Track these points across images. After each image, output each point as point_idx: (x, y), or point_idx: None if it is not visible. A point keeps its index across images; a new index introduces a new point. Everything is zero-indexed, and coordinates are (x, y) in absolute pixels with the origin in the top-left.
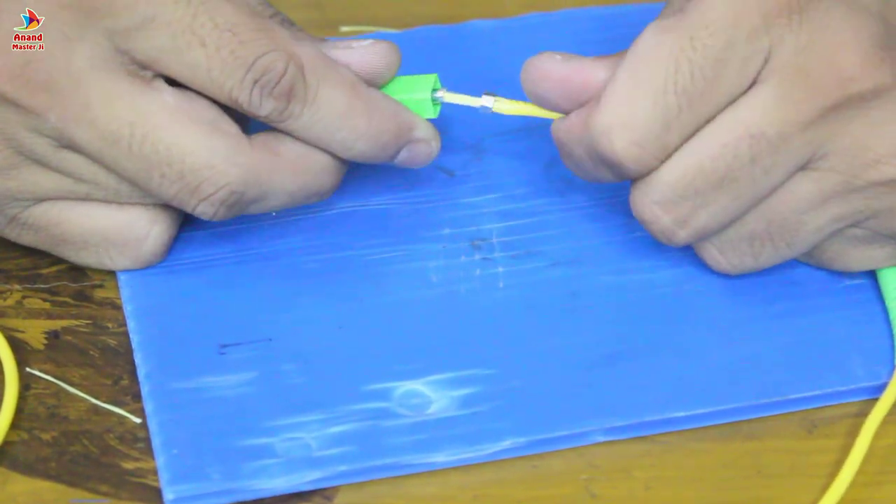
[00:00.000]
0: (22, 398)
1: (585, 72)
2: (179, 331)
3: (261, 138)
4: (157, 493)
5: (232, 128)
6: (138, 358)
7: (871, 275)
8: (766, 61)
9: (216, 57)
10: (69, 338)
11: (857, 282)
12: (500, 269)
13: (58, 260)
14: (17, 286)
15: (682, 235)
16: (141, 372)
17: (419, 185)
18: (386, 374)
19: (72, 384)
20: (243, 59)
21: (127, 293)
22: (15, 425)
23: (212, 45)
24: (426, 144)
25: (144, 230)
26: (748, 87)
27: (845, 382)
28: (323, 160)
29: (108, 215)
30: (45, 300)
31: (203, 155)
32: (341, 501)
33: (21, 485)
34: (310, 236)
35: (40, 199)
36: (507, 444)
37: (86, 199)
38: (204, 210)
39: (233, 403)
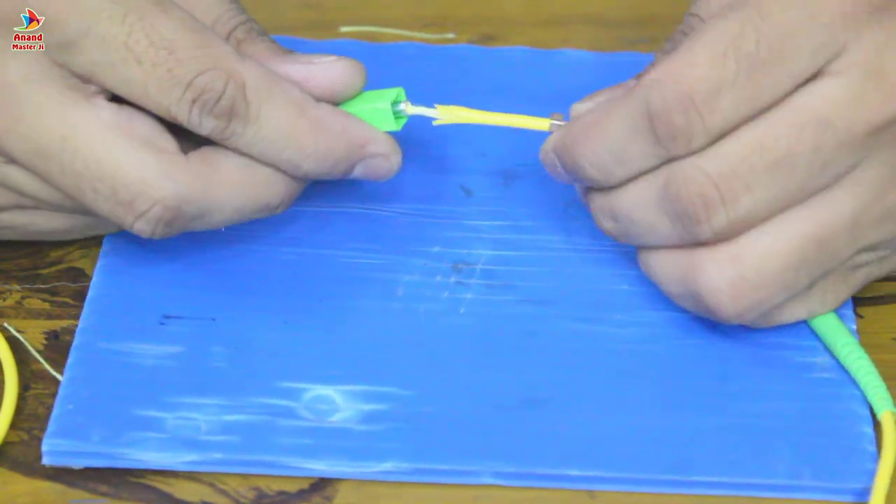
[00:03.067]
0: (22, 398)
1: None
2: (133, 294)
3: (200, 154)
4: (157, 493)
5: (169, 145)
6: (84, 312)
7: (843, 370)
8: (839, 54)
9: (152, 74)
10: (69, 338)
11: (827, 376)
12: (469, 296)
13: (57, 260)
14: (16, 286)
15: (722, 217)
16: (79, 326)
17: (432, 199)
18: (305, 374)
19: None
20: (179, 77)
21: (105, 249)
22: (15, 425)
23: (147, 62)
24: (384, 159)
25: (100, 227)
26: (817, 77)
27: (762, 476)
28: (268, 173)
29: (64, 221)
30: (44, 300)
31: (135, 171)
32: (341, 502)
33: (21, 485)
34: (298, 229)
35: None
36: (387, 466)
37: (30, 207)
38: (141, 228)
39: (146, 373)
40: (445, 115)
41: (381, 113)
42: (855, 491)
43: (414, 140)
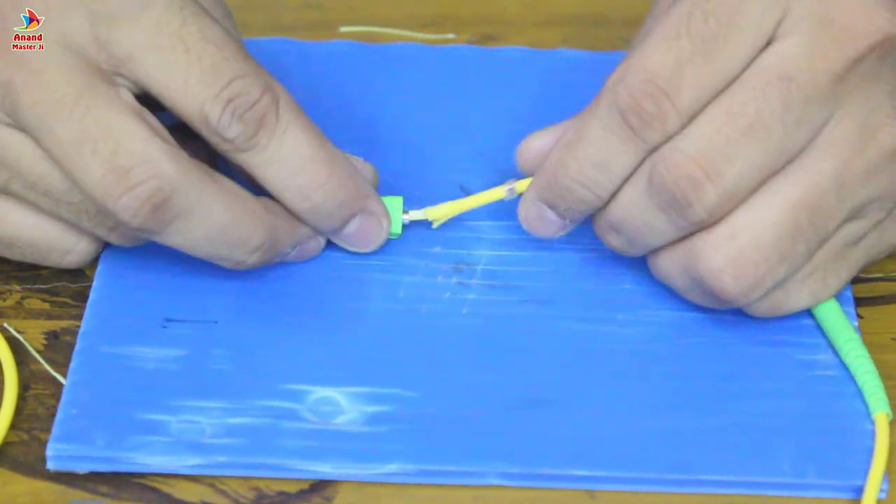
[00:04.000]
0: (22, 399)
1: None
2: (134, 298)
3: (203, 164)
4: (157, 493)
5: (174, 143)
6: (85, 315)
7: (846, 367)
8: (785, 13)
9: (197, 65)
10: (69, 338)
11: (829, 373)
12: (471, 297)
13: None
14: (16, 287)
15: (711, 194)
16: (81, 329)
17: (432, 199)
18: (308, 376)
19: None
20: (223, 73)
21: (106, 252)
22: (15, 426)
23: (195, 53)
24: (378, 220)
25: (70, 244)
26: (771, 41)
27: (765, 474)
28: (256, 204)
29: (34, 225)
30: (44, 301)
31: (141, 144)
32: (341, 502)
33: (21, 485)
34: None
35: None
36: (393, 467)
37: (4, 193)
38: (127, 204)
39: (150, 376)
40: (433, 215)
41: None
42: (860, 488)
43: (412, 140)
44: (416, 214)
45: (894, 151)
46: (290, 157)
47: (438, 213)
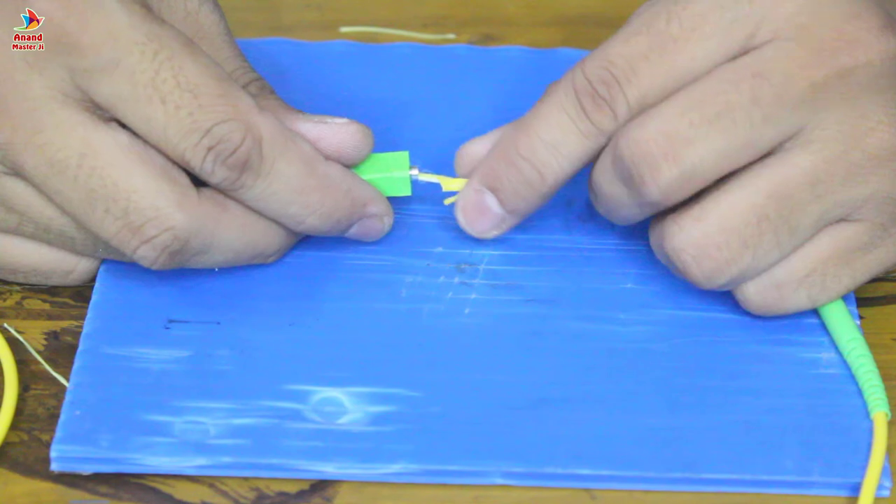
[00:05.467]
0: (22, 399)
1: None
2: (136, 299)
3: (211, 192)
4: (157, 493)
5: (182, 178)
6: (88, 317)
7: (847, 367)
8: (759, 26)
9: (174, 116)
10: (69, 338)
11: (832, 371)
12: (473, 296)
13: None
14: (16, 287)
15: (666, 174)
16: (83, 331)
17: (434, 200)
18: (312, 377)
19: None
20: (200, 123)
21: None
22: (15, 426)
23: (171, 103)
24: (378, 220)
25: (71, 265)
26: (747, 50)
27: (769, 472)
28: (270, 222)
29: (36, 250)
30: (44, 301)
31: (150, 196)
32: (341, 502)
33: (21, 486)
34: None
35: None
36: (397, 468)
37: (14, 232)
38: (145, 254)
39: (154, 377)
40: (449, 185)
41: (399, 181)
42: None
43: (412, 141)
44: (428, 177)
45: (882, 155)
46: (280, 191)
47: (455, 184)
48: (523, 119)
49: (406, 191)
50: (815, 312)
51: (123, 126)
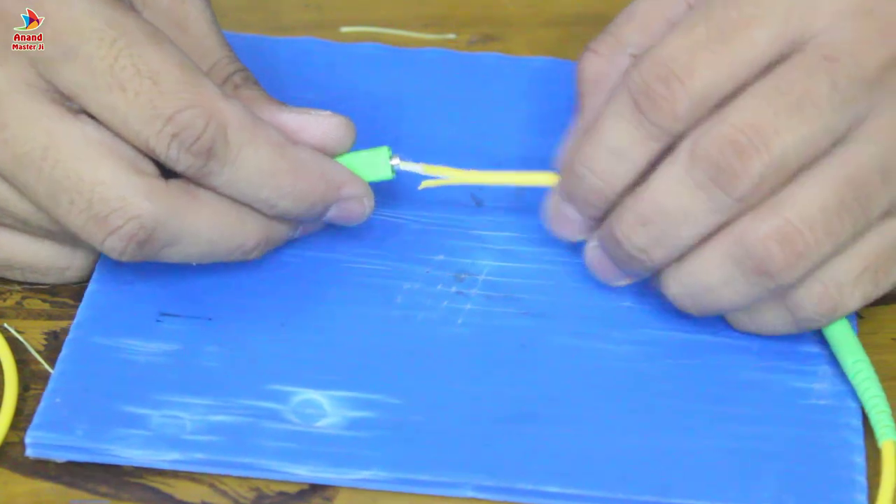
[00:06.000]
0: (21, 399)
1: None
2: (131, 291)
3: (181, 182)
4: (157, 493)
5: (149, 168)
6: (81, 307)
7: (840, 395)
8: (816, 5)
9: (134, 103)
10: None
11: (823, 402)
12: (468, 307)
13: None
14: (16, 287)
15: (757, 164)
16: (75, 320)
17: (441, 207)
18: (294, 378)
19: None
20: (161, 109)
21: None
22: (15, 426)
23: (131, 90)
24: (357, 202)
25: (66, 261)
26: (810, 35)
27: (744, 501)
28: (245, 211)
29: (28, 247)
30: (44, 301)
31: (115, 186)
32: (340, 502)
33: (21, 485)
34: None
35: None
36: (367, 474)
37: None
38: (112, 245)
39: (138, 369)
40: (430, 172)
41: (378, 164)
42: None
43: (427, 148)
44: (410, 166)
45: None
46: (249, 177)
47: (435, 170)
48: (587, 129)
49: (387, 173)
50: (815, 338)
51: (93, 117)
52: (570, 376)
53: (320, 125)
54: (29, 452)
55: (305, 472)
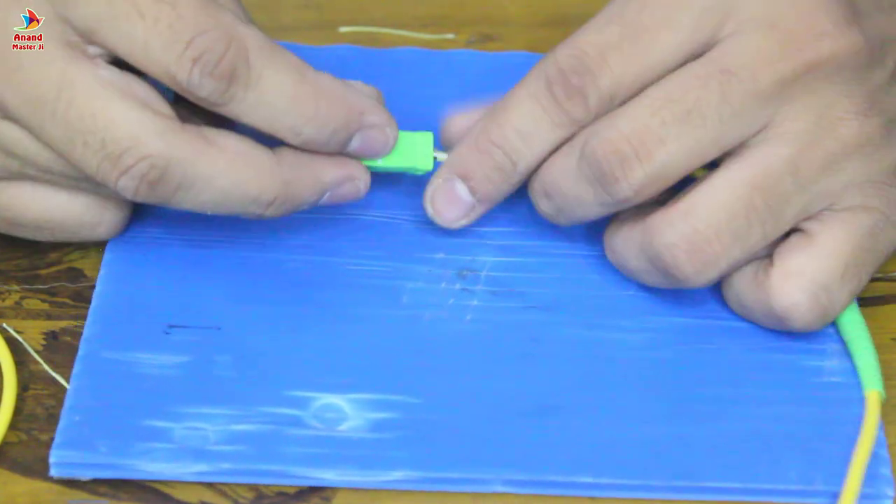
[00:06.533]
0: (21, 399)
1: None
2: (137, 303)
3: (197, 127)
4: (157, 493)
5: (164, 108)
6: (88, 321)
7: (852, 374)
8: (728, 14)
9: (153, 29)
10: (68, 339)
11: (836, 380)
12: (475, 303)
13: (56, 261)
14: (15, 287)
15: (638, 173)
16: (83, 335)
17: None
18: (312, 383)
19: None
20: (181, 33)
21: (108, 258)
22: (14, 426)
23: (150, 16)
24: (380, 131)
25: (97, 217)
26: (715, 42)
27: (771, 481)
28: (263, 159)
29: (58, 203)
30: (43, 301)
31: (127, 126)
32: (339, 502)
33: (20, 485)
34: (303, 235)
35: None
36: (398, 475)
37: (20, 177)
38: (125, 185)
39: (154, 382)
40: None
41: (421, 155)
42: (867, 495)
43: None
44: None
45: (853, 143)
46: (272, 101)
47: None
48: (496, 107)
49: (427, 163)
50: None
51: (108, 61)
52: (586, 367)
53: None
54: (53, 472)
55: (333, 477)
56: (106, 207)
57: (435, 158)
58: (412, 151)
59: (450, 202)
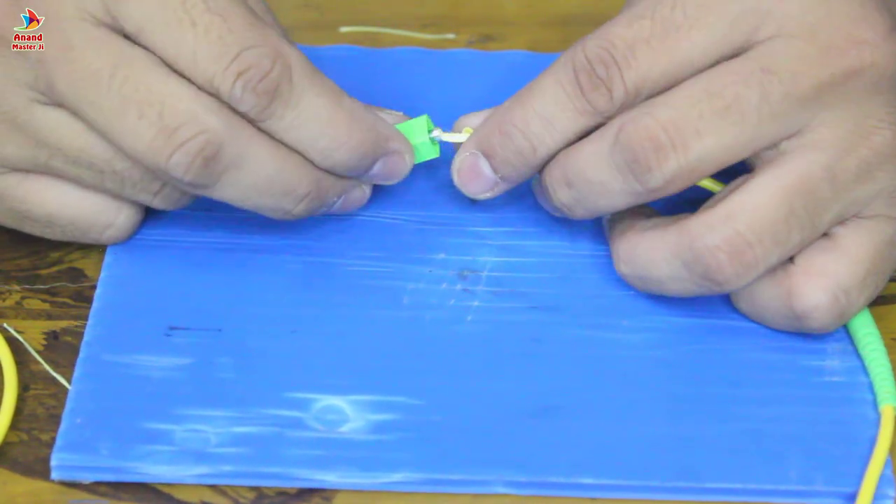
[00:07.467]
0: (21, 399)
1: None
2: (138, 306)
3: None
4: (157, 493)
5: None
6: (89, 324)
7: (852, 371)
8: (764, 20)
9: (204, 39)
10: (68, 339)
11: (837, 379)
12: (476, 304)
13: (57, 261)
14: (16, 287)
15: (672, 163)
16: (84, 338)
17: (436, 205)
18: (313, 384)
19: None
20: (230, 46)
21: (108, 260)
22: (14, 426)
23: (201, 26)
24: (400, 157)
25: (110, 218)
26: (753, 44)
27: (772, 481)
28: (299, 157)
29: (75, 201)
30: (44, 301)
31: (185, 100)
32: (339, 502)
33: (20, 485)
34: (305, 236)
35: (2, 166)
36: (399, 476)
37: (46, 171)
38: (178, 161)
39: (155, 385)
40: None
41: (420, 147)
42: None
43: None
44: (452, 136)
45: (887, 152)
46: (309, 123)
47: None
48: (522, 91)
49: (432, 152)
50: None
51: None
52: (587, 367)
53: None
54: (55, 476)
55: (334, 479)
56: (120, 210)
57: (437, 137)
58: (412, 139)
59: (475, 176)
